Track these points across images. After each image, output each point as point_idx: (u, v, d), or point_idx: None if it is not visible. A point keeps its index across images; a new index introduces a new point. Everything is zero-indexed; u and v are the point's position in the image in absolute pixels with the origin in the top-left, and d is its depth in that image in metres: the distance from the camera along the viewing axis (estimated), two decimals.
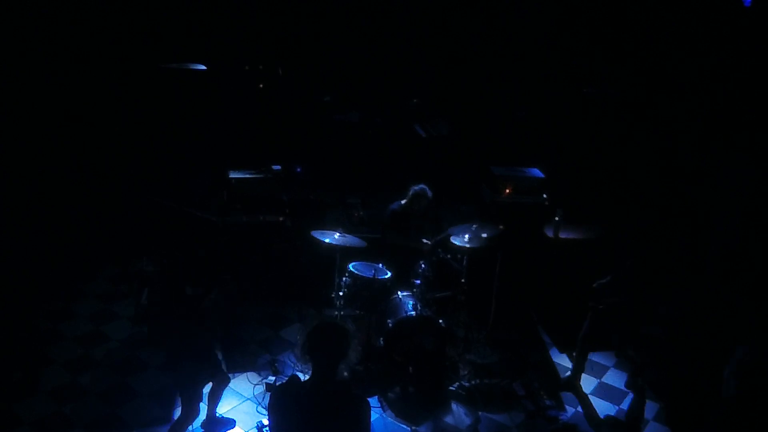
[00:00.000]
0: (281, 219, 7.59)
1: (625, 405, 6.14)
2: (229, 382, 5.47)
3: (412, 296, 6.36)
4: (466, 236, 6.45)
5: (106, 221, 8.50)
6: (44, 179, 8.43)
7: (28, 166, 8.34)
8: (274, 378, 6.11)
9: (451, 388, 6.23)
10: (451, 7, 10.22)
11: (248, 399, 5.91)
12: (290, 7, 10.01)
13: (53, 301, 7.25)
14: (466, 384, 6.26)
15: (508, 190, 7.94)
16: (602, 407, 6.13)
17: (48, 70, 8.62)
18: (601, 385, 6.44)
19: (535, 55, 10.00)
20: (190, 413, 5.08)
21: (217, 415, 5.49)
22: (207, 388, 5.29)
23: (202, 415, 5.37)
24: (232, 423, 5.54)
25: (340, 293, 6.47)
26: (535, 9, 9.97)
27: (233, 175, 7.61)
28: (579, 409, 6.09)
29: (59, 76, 8.71)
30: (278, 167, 7.84)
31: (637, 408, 5.91)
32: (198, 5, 9.61)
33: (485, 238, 6.49)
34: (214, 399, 5.38)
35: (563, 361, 6.78)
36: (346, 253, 6.55)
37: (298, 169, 8.53)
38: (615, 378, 6.55)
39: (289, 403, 3.31)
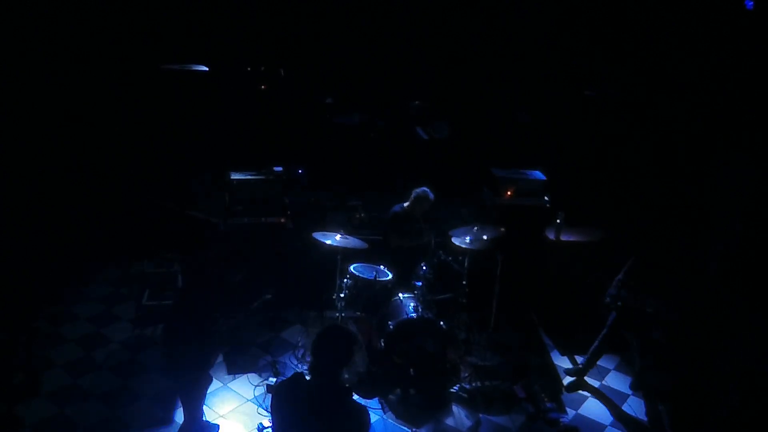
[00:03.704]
0: (282, 220, 7.58)
1: (626, 408, 6.15)
2: (211, 381, 5.35)
3: (413, 298, 6.36)
4: (468, 238, 6.45)
5: (107, 223, 8.50)
6: (45, 180, 8.42)
7: (28, 167, 8.33)
8: (274, 379, 6.11)
9: (451, 390, 6.23)
10: (452, 9, 10.22)
11: (249, 400, 5.91)
12: (292, 8, 10.01)
13: (54, 304, 7.24)
14: (467, 386, 6.27)
15: (509, 193, 7.94)
16: (604, 410, 6.14)
17: (48, 71, 8.61)
18: (602, 388, 6.44)
19: (535, 56, 10.00)
20: (196, 416, 5.08)
21: (204, 419, 5.43)
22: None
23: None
24: (215, 428, 5.49)
25: (341, 295, 6.47)
26: (535, 10, 9.97)
27: (234, 176, 7.60)
28: (580, 411, 6.09)
29: (60, 76, 8.70)
30: (280, 169, 7.84)
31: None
32: (199, 6, 9.61)
33: (486, 240, 6.49)
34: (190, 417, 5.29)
35: (564, 364, 6.78)
36: (347, 255, 6.55)
37: (300, 171, 8.52)
38: (617, 380, 6.56)
39: (290, 400, 3.33)
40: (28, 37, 8.48)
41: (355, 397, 5.92)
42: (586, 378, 6.46)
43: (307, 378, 3.39)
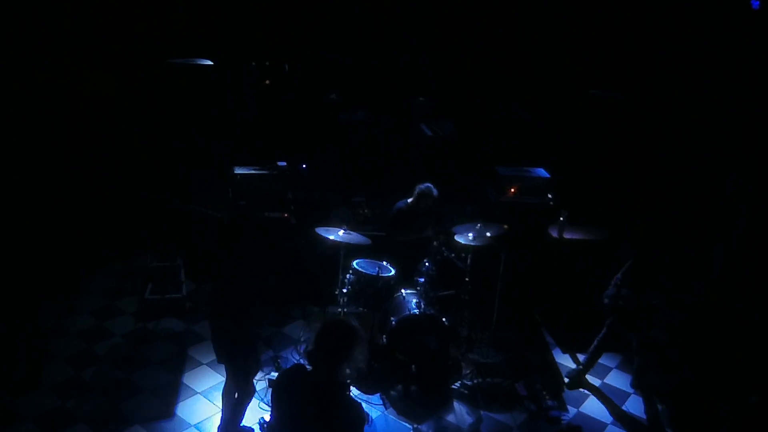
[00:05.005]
0: (286, 216, 7.58)
1: (627, 406, 6.13)
2: (253, 395, 5.40)
3: (416, 294, 6.35)
4: (471, 235, 6.44)
5: (111, 218, 8.51)
6: (49, 175, 8.42)
7: (33, 163, 8.34)
8: (276, 374, 6.11)
9: (453, 387, 6.23)
10: (457, 6, 10.21)
11: None
12: (296, 3, 10.01)
13: (57, 298, 7.25)
14: (469, 383, 6.26)
15: (513, 190, 7.92)
16: (605, 408, 6.13)
17: (53, 66, 8.61)
18: (603, 386, 6.43)
19: (541, 54, 9.98)
20: (250, 392, 5.26)
21: (242, 425, 5.43)
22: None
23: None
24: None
25: (344, 291, 6.45)
26: (541, 8, 9.96)
27: (238, 170, 7.60)
28: (581, 409, 6.08)
29: (64, 71, 8.71)
30: (284, 164, 7.84)
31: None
32: (204, 1, 9.62)
33: (489, 237, 6.48)
34: (239, 411, 5.33)
35: (566, 362, 6.77)
36: (350, 251, 6.53)
37: (303, 167, 8.51)
38: (618, 379, 6.54)
39: (289, 390, 3.36)
40: (33, 33, 8.47)
41: (357, 392, 5.96)
42: (587, 376, 6.45)
43: (308, 369, 3.40)
